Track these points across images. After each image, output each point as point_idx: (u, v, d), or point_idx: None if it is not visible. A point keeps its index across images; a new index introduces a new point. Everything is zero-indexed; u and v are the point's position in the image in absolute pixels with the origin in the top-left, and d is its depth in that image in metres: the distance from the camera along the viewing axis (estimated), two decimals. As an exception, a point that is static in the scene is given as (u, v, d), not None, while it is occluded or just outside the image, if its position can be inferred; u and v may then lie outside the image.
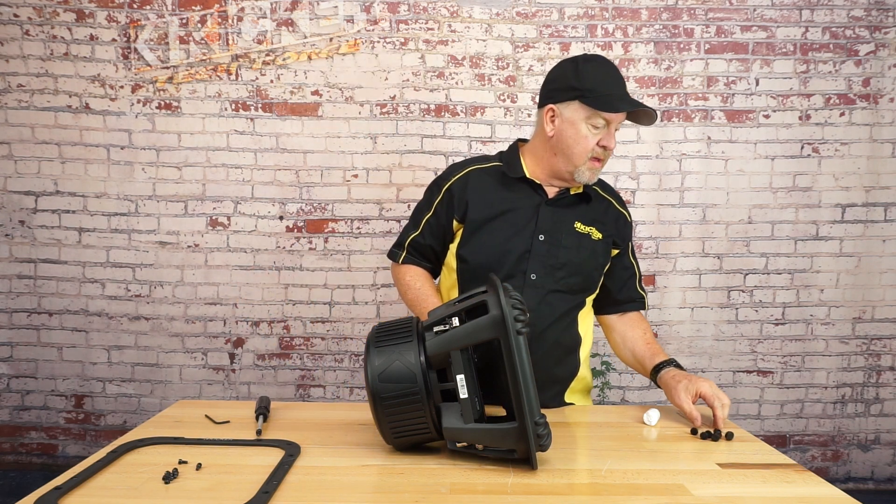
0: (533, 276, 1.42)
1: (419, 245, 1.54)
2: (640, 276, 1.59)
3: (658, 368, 1.40)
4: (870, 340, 2.95)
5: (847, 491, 0.99)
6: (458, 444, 1.05)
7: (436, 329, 1.07)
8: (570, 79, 1.39)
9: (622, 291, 1.55)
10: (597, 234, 1.47)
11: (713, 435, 1.20)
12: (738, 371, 2.95)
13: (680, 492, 0.95)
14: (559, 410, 1.43)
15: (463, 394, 1.02)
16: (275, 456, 1.07)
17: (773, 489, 0.98)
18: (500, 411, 1.19)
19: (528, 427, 0.96)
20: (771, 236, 2.91)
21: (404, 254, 1.56)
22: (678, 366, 1.39)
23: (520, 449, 1.00)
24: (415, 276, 1.54)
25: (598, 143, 1.38)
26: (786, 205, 2.91)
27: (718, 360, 2.95)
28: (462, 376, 1.03)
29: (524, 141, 1.56)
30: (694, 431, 1.23)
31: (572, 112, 1.38)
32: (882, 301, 2.94)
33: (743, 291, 2.93)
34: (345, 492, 0.94)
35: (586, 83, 1.37)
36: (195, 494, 0.92)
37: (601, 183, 1.57)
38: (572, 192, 1.48)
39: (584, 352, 1.54)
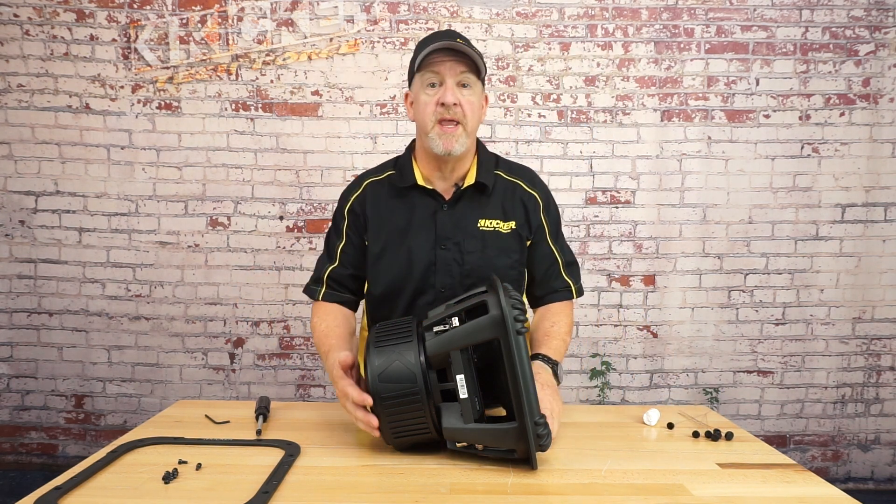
0: (443, 289, 1.34)
1: (339, 276, 1.42)
2: (567, 261, 1.44)
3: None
4: (870, 340, 2.95)
5: (847, 491, 0.99)
6: (458, 444, 1.05)
7: (436, 329, 1.07)
8: (412, 63, 1.35)
9: (543, 283, 1.43)
10: (505, 226, 1.36)
11: (713, 435, 1.20)
12: (738, 371, 2.95)
13: (680, 492, 0.95)
14: (559, 410, 1.42)
15: (463, 394, 1.02)
16: (275, 456, 1.07)
17: (773, 489, 0.98)
18: (500, 411, 1.19)
19: (528, 427, 0.96)
20: (771, 236, 2.91)
21: (323, 289, 1.42)
22: (552, 364, 1.27)
23: (520, 449, 1.00)
24: (321, 316, 1.39)
25: (436, 103, 1.28)
26: (786, 205, 2.90)
27: (718, 360, 2.95)
28: (462, 376, 1.03)
29: None
30: (695, 434, 1.23)
31: (416, 89, 1.33)
32: (882, 301, 2.94)
33: (743, 291, 2.93)
34: (345, 492, 0.94)
35: (414, 55, 1.33)
36: (195, 494, 0.92)
37: (508, 164, 1.44)
38: (465, 187, 1.36)
39: None
